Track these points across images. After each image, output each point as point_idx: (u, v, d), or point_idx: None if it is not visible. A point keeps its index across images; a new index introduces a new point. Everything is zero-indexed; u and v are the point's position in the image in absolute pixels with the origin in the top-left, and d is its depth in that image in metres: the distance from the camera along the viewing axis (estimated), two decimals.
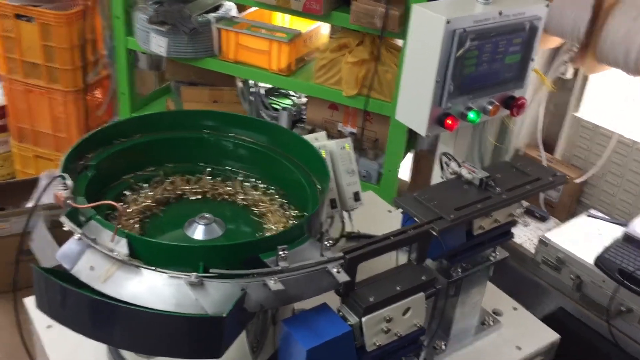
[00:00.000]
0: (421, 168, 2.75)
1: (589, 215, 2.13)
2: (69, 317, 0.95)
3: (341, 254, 1.01)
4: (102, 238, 0.98)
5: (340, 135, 2.55)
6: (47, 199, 2.80)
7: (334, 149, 1.41)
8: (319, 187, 1.20)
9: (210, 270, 0.94)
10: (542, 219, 2.37)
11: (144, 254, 0.97)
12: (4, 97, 2.99)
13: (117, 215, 1.06)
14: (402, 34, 2.13)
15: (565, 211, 2.49)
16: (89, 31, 2.80)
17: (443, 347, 1.35)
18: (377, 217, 1.80)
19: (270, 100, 2.86)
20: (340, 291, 1.05)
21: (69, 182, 0.98)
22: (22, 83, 2.87)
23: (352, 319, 1.04)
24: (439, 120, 1.25)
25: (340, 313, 1.05)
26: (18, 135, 3.03)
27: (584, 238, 2.02)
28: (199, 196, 1.29)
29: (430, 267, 1.18)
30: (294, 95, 2.90)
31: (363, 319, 1.03)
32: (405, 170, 2.75)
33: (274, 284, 0.94)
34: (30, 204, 2.66)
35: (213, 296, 0.93)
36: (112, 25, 2.62)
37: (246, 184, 1.31)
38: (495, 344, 1.40)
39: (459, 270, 1.27)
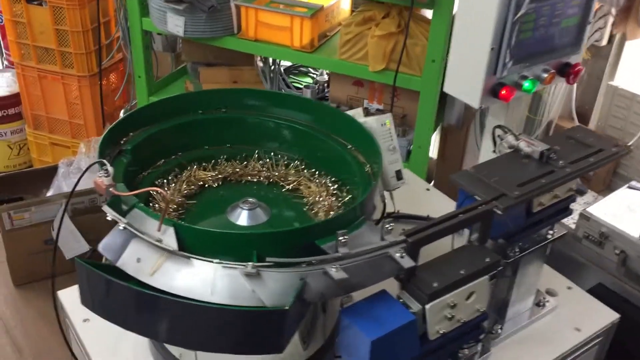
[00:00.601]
0: (449, 144, 2.67)
1: (630, 187, 2.05)
2: (117, 312, 0.89)
3: (403, 237, 0.94)
4: (147, 228, 0.92)
5: (367, 113, 2.46)
6: (67, 186, 2.75)
7: (374, 125, 1.33)
8: (369, 166, 1.13)
9: (267, 259, 0.87)
10: (580, 192, 2.28)
11: (193, 243, 0.90)
12: (18, 84, 2.92)
13: (161, 202, 0.99)
14: (431, 4, 2.04)
15: (601, 183, 2.41)
16: (102, 13, 2.71)
17: (499, 330, 1.29)
18: (415, 195, 1.72)
19: (290, 79, 2.78)
20: (400, 277, 0.98)
21: (110, 168, 0.90)
22: (35, 69, 2.80)
23: (415, 306, 0.97)
24: (492, 90, 1.17)
25: (401, 300, 0.99)
26: (33, 122, 2.97)
27: (627, 211, 1.94)
28: (241, 179, 1.22)
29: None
30: (314, 73, 2.81)
31: (427, 306, 0.96)
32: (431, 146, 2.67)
33: (335, 272, 0.87)
34: (50, 193, 2.60)
35: (271, 287, 0.86)
36: (126, 6, 2.54)
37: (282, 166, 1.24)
38: (552, 326, 1.33)
39: (517, 249, 1.20)
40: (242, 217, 1.11)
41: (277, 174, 1.23)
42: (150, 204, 1.09)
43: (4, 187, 2.57)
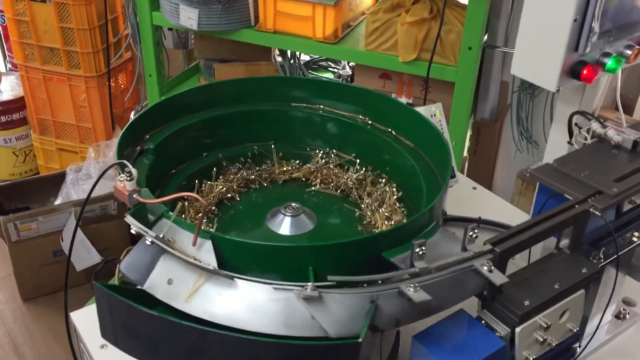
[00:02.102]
0: (482, 139, 2.50)
1: None
2: (146, 348, 0.72)
3: (489, 247, 0.78)
4: (179, 241, 0.75)
5: None
6: (76, 194, 2.59)
7: None
8: (435, 165, 0.96)
9: (329, 278, 0.71)
10: None
11: (235, 259, 0.74)
12: (22, 88, 2.77)
13: (191, 210, 0.83)
14: None
15: None
16: (109, 9, 2.56)
17: (577, 349, 1.11)
18: (462, 195, 1.56)
19: (310, 74, 2.62)
20: (483, 294, 0.81)
21: (134, 171, 0.74)
22: (40, 71, 2.65)
23: (501, 329, 0.80)
24: (572, 71, 1.00)
25: (483, 322, 0.82)
26: (39, 127, 2.82)
27: None
28: (278, 180, 1.06)
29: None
30: (334, 67, 2.65)
31: (517, 329, 0.79)
32: None
33: (414, 291, 0.71)
34: (58, 201, 2.45)
35: (335, 312, 0.70)
36: (135, 0, 2.38)
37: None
38: (635, 341, 1.16)
39: (601, 256, 1.03)
40: (284, 225, 0.94)
41: (319, 173, 1.06)
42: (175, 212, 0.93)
43: (9, 196, 2.44)
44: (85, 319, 1.16)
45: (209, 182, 1.00)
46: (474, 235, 0.77)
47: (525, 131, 2.33)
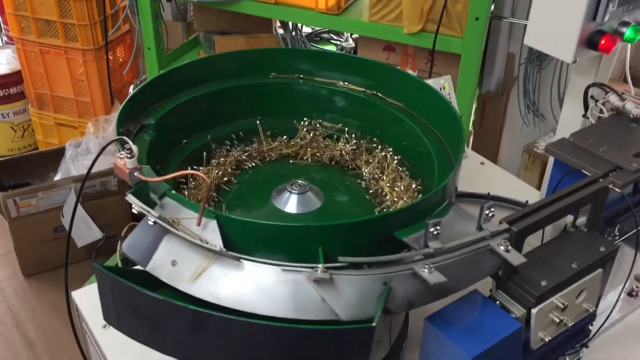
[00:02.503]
0: (487, 112, 2.46)
1: None
2: (151, 333, 0.70)
3: (506, 226, 0.75)
4: (183, 221, 0.72)
5: None
6: (75, 169, 2.56)
7: None
8: (445, 140, 0.93)
9: (340, 259, 0.68)
10: None
11: (242, 240, 0.71)
12: (18, 61, 2.72)
13: (193, 188, 0.80)
14: None
15: None
16: None
17: (590, 327, 1.09)
18: (470, 171, 1.52)
19: (312, 46, 2.56)
20: (498, 274, 0.78)
21: (134, 147, 0.71)
22: (36, 44, 2.59)
23: (517, 310, 0.78)
24: (589, 41, 0.96)
25: (497, 302, 0.79)
26: (37, 102, 2.77)
27: None
28: (284, 156, 1.02)
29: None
30: (337, 39, 2.59)
31: (533, 311, 0.77)
32: None
33: (428, 273, 0.68)
34: (57, 177, 2.42)
35: (346, 295, 0.67)
36: None
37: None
38: None
39: (617, 233, 1.00)
40: (290, 203, 0.91)
41: (327, 149, 1.03)
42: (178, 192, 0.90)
43: (8, 172, 2.40)
44: (87, 299, 1.14)
45: (210, 160, 0.96)
46: (490, 214, 0.74)
47: (532, 104, 2.29)
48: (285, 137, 1.06)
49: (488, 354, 0.73)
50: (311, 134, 1.03)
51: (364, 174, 1.00)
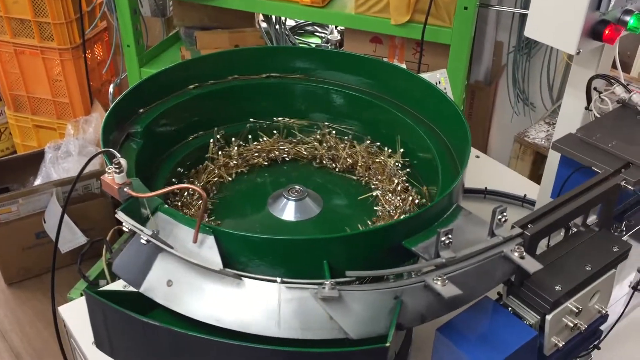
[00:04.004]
0: (476, 102, 2.43)
1: None
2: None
3: (519, 230, 0.71)
4: (177, 237, 0.67)
5: None
6: (56, 173, 2.48)
7: None
8: (449, 141, 0.89)
9: (347, 274, 0.64)
10: None
11: (240, 254, 0.66)
12: None
13: (193, 197, 0.75)
14: None
15: None
16: None
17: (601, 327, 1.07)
18: None
19: (297, 39, 2.51)
20: (510, 280, 0.75)
21: (123, 161, 0.66)
22: (10, 44, 2.51)
23: (530, 317, 0.74)
24: (593, 31, 0.93)
25: (510, 309, 0.76)
26: (13, 104, 2.69)
27: None
28: (278, 159, 0.98)
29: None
30: (322, 32, 2.54)
31: (548, 317, 0.73)
32: None
33: (442, 285, 0.64)
34: (37, 181, 2.35)
35: (355, 312, 0.63)
36: None
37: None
38: None
39: (623, 228, 0.97)
40: (288, 210, 0.87)
41: (329, 151, 0.98)
42: (169, 201, 0.85)
43: None
44: (75, 314, 1.09)
45: (200, 166, 0.91)
46: (503, 219, 0.70)
47: (521, 93, 2.26)
48: (280, 137, 1.01)
49: None
50: (309, 137, 0.99)
51: (363, 177, 0.96)
